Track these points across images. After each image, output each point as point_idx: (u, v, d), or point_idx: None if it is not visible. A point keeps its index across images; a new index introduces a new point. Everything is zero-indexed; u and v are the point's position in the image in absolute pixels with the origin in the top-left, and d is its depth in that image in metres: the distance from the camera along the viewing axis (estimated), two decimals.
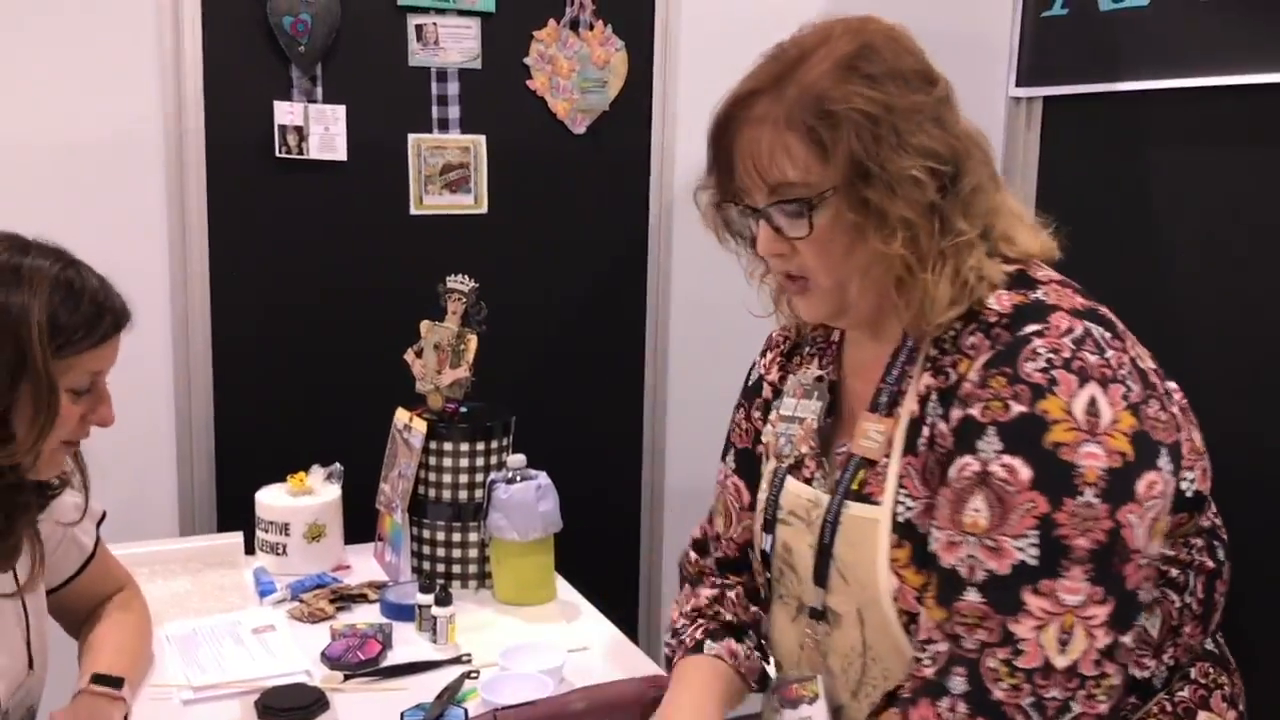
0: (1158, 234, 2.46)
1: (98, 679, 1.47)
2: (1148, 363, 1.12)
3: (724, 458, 1.46)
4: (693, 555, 1.50)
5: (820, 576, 1.23)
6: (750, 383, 1.44)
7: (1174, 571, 1.16)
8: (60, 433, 1.35)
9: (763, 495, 1.33)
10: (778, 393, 1.38)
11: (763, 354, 1.44)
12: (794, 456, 1.29)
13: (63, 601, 1.61)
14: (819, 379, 1.31)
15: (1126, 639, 1.04)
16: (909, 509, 1.14)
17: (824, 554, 1.22)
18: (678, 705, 1.32)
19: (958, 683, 1.04)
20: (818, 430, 1.28)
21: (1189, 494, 1.13)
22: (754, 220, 1.18)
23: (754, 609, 1.42)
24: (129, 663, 1.56)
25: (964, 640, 1.05)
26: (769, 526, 1.31)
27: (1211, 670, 1.22)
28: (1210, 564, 1.18)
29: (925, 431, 1.14)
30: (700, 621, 1.41)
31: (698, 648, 1.37)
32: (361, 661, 1.70)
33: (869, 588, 1.17)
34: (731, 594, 1.43)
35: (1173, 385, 1.16)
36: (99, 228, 2.44)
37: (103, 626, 1.61)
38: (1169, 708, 1.18)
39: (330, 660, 1.71)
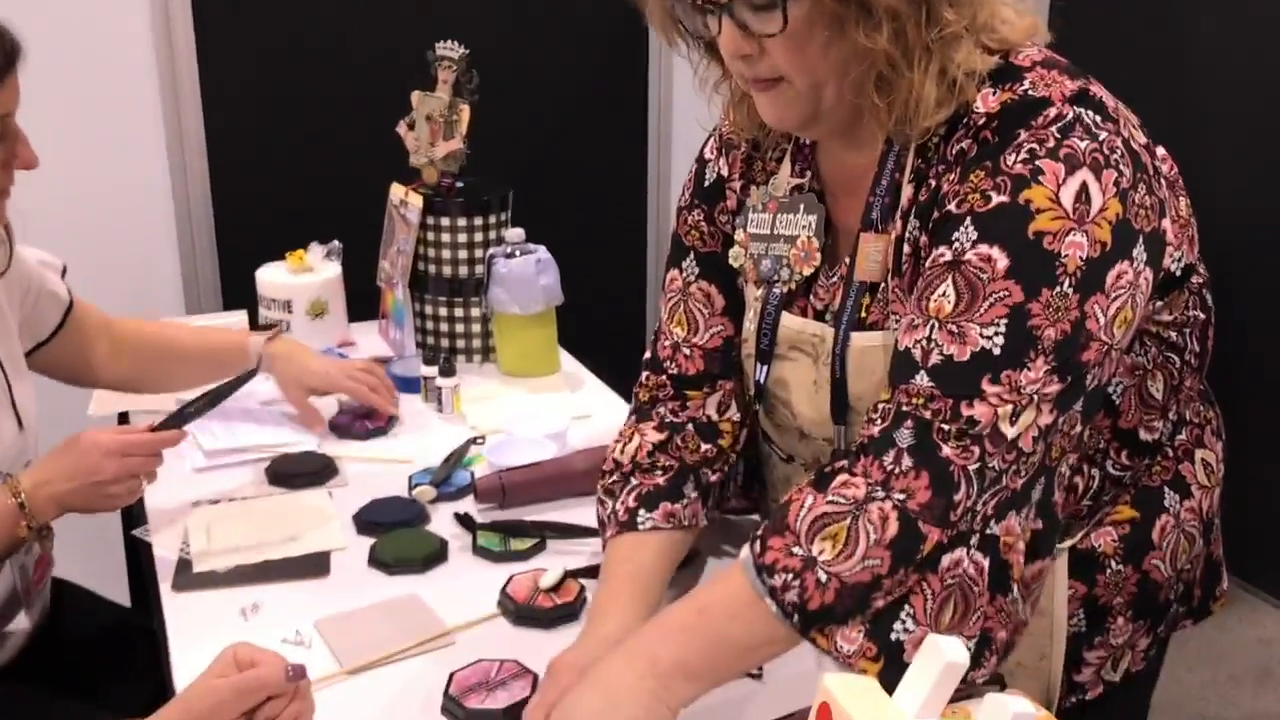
0: None
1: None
2: (1139, 138, 1.05)
3: (676, 264, 1.32)
4: (644, 375, 1.33)
5: (839, 413, 1.16)
6: (706, 184, 1.29)
7: (1173, 334, 1.15)
8: None
9: (751, 325, 1.24)
10: (740, 204, 1.26)
11: (718, 153, 1.29)
12: (794, 281, 1.19)
13: (63, 351, 1.62)
14: (798, 189, 1.20)
15: (1062, 420, 1.02)
16: None
17: (839, 390, 1.15)
18: (602, 606, 1.17)
19: (904, 435, 0.99)
20: (820, 250, 1.18)
21: (1177, 272, 1.10)
22: (714, 17, 1.05)
23: (705, 446, 1.29)
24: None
25: (909, 413, 1.00)
26: (764, 357, 1.23)
27: (1201, 408, 1.23)
28: (1201, 315, 1.17)
29: (907, 249, 1.08)
30: (634, 481, 1.27)
31: (630, 522, 1.24)
32: (369, 430, 1.74)
33: None
34: (679, 436, 1.28)
35: (1161, 153, 1.10)
36: (81, 11, 2.38)
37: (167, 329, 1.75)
38: (1170, 453, 1.20)
39: (338, 430, 1.74)
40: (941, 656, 0.70)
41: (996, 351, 0.98)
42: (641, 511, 1.24)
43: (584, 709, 0.99)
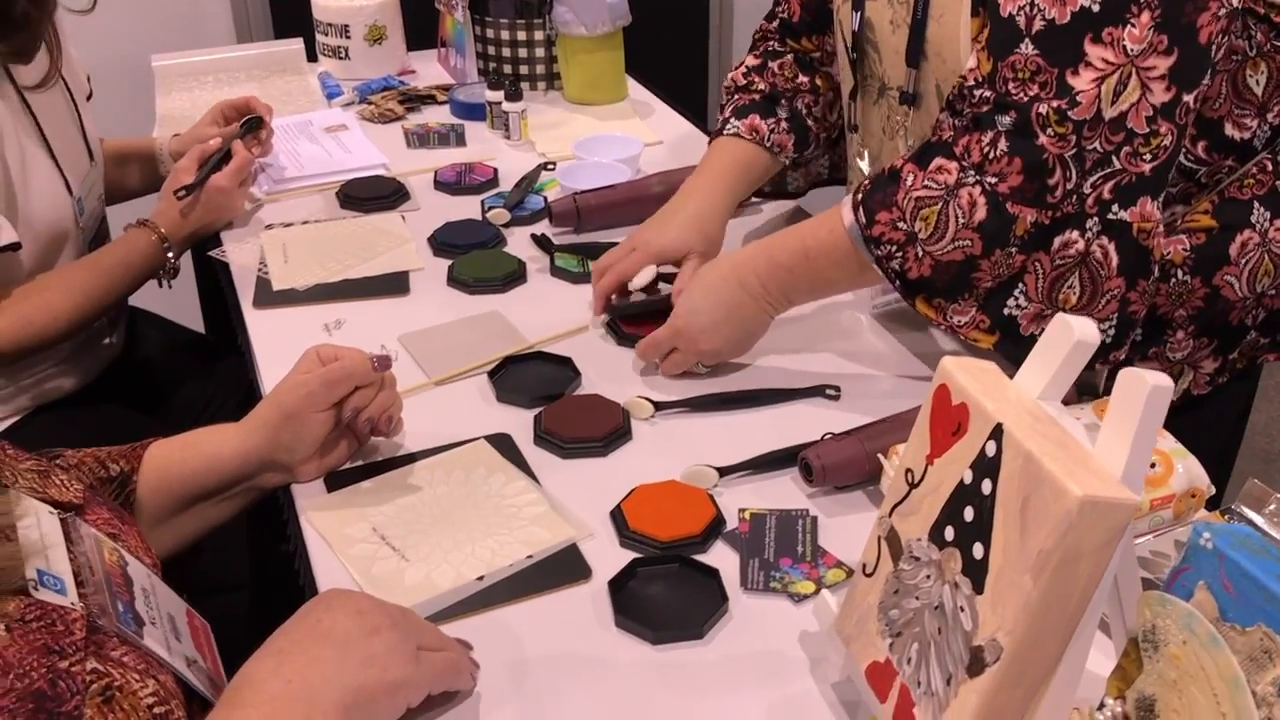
0: None
1: None
2: None
3: None
4: (763, 21, 1.44)
5: (913, 56, 1.15)
6: None
7: None
8: None
9: None
10: None
11: None
12: None
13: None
14: None
15: (1189, 98, 0.97)
16: None
17: (917, 31, 1.13)
18: (687, 190, 1.33)
19: (1005, 120, 0.99)
20: None
21: None
22: None
23: (802, 78, 1.38)
24: None
25: (1014, 93, 0.99)
26: (858, 4, 1.22)
27: None
28: None
29: None
30: (734, 98, 1.39)
31: (721, 129, 1.37)
32: (480, 182, 1.62)
33: (950, 63, 1.10)
34: (775, 63, 1.39)
35: None
36: None
37: None
38: (1269, 166, 1.10)
39: (445, 187, 1.62)
40: (1071, 335, 0.67)
41: (1096, 8, 0.94)
42: (732, 120, 1.37)
43: (709, 318, 1.14)
